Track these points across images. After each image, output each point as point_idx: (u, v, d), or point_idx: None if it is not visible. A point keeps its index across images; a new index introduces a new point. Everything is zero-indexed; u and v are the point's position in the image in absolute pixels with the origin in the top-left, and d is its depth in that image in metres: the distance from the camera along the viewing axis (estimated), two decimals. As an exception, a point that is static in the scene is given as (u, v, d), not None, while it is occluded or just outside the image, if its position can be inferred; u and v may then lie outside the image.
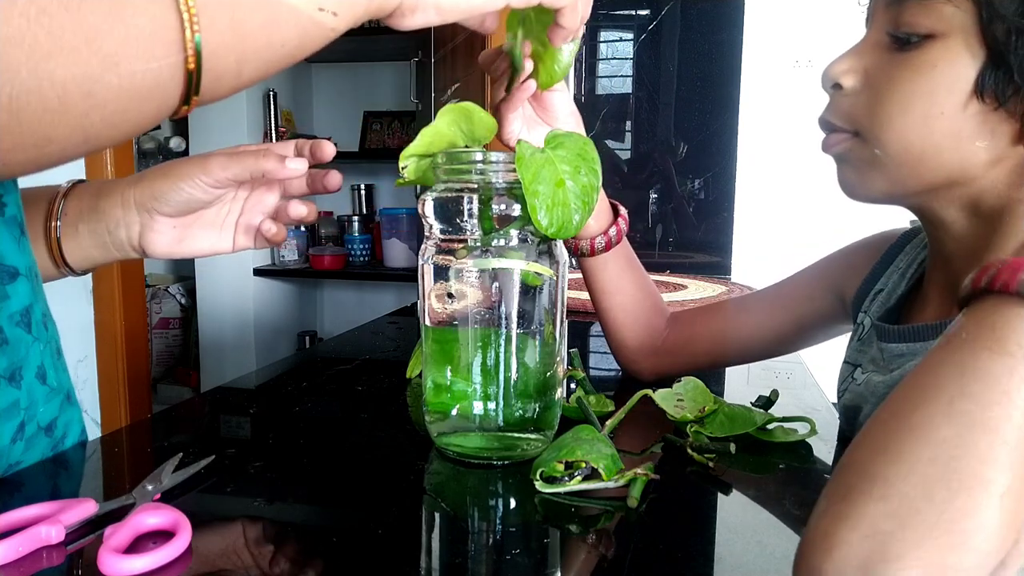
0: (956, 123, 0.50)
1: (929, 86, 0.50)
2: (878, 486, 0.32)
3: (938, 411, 0.32)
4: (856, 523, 0.31)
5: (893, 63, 0.52)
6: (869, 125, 0.53)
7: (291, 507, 0.49)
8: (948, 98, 0.49)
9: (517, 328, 0.53)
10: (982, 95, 0.48)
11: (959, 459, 0.31)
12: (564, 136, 0.52)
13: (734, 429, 0.58)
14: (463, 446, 0.54)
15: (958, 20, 0.48)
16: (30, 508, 0.44)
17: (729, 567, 0.42)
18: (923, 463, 0.31)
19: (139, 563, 0.39)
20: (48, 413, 0.59)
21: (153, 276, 2.90)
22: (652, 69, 2.15)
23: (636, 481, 0.49)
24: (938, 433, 0.31)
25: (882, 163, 0.53)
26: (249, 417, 0.69)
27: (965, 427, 0.31)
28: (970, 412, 0.31)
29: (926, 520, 0.30)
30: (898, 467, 0.32)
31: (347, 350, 0.97)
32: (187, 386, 2.75)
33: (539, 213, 0.49)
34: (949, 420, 0.31)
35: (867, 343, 0.63)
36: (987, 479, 0.30)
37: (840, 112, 0.55)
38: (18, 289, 0.57)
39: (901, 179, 0.53)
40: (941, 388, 0.32)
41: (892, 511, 0.31)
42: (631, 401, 0.63)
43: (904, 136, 0.51)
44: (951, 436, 0.31)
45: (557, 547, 0.44)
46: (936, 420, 0.32)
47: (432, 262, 0.53)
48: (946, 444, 0.31)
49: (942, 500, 0.30)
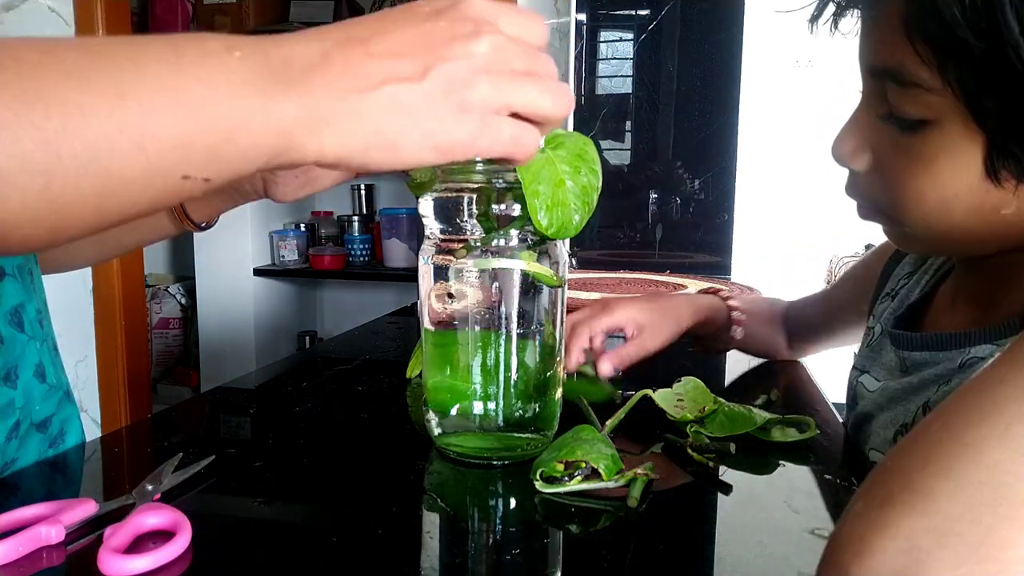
0: (975, 200, 0.46)
1: (936, 175, 0.47)
2: (921, 499, 0.31)
3: (994, 433, 0.31)
4: (894, 533, 0.30)
5: (897, 148, 0.49)
6: (889, 208, 0.51)
7: (291, 507, 0.49)
8: (960, 182, 0.46)
9: (517, 328, 0.53)
10: (996, 177, 0.45)
11: (1010, 486, 0.29)
12: (564, 136, 0.52)
13: (734, 429, 0.58)
14: (463, 446, 0.54)
15: (948, 107, 0.45)
16: (30, 508, 0.44)
17: (729, 567, 0.42)
18: (972, 484, 0.30)
19: (139, 563, 0.39)
20: (44, 410, 0.59)
21: (153, 276, 2.89)
22: (652, 69, 2.15)
23: (636, 481, 0.49)
24: (992, 456, 0.30)
25: (915, 236, 0.52)
26: (249, 417, 0.69)
27: (1021, 452, 0.30)
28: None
29: (967, 543, 0.29)
30: (945, 484, 0.30)
31: (347, 350, 0.97)
32: (187, 386, 2.75)
33: (539, 213, 0.48)
34: (1004, 444, 0.30)
35: (877, 350, 0.62)
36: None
37: (860, 192, 0.54)
38: (6, 288, 0.57)
39: (937, 247, 0.55)
40: (1000, 407, 0.31)
41: (933, 527, 0.30)
42: (631, 401, 0.63)
43: (925, 219, 0.49)
44: (1004, 461, 0.30)
45: (557, 547, 0.44)
46: (992, 442, 0.30)
47: (432, 262, 0.53)
48: (998, 468, 0.30)
49: (987, 525, 0.29)
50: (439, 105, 0.35)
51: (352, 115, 0.34)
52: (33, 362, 0.58)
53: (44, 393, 0.59)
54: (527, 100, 0.37)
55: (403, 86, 0.34)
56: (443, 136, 0.35)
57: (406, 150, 0.35)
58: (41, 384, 0.59)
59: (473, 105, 0.35)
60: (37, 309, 0.61)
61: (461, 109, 0.35)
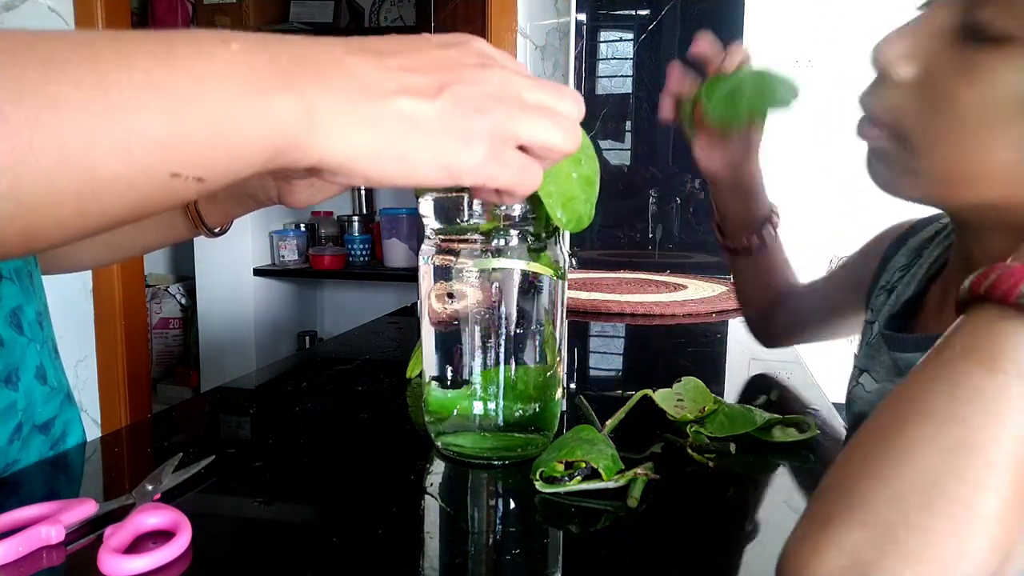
0: (1020, 150, 0.41)
1: (998, 101, 0.41)
2: (860, 512, 0.30)
3: (925, 434, 0.30)
4: (836, 552, 0.30)
5: (960, 62, 0.42)
6: (916, 130, 0.45)
7: (291, 507, 0.49)
8: (1018, 119, 0.40)
9: (517, 328, 0.53)
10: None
11: (942, 485, 0.29)
12: None
13: (734, 429, 0.58)
14: (463, 446, 0.54)
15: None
16: (30, 508, 0.44)
17: (729, 567, 0.42)
18: (907, 489, 0.29)
19: (139, 563, 0.39)
20: (46, 412, 0.59)
21: (153, 276, 2.90)
22: (652, 69, 2.15)
23: (636, 481, 0.49)
24: (923, 457, 0.30)
25: (921, 176, 0.46)
26: (249, 417, 0.69)
27: (950, 451, 0.29)
28: (958, 436, 0.29)
29: (907, 548, 0.29)
30: (881, 492, 0.30)
31: (347, 350, 0.97)
32: (187, 386, 2.75)
33: (557, 211, 0.48)
34: (934, 443, 0.30)
35: (876, 349, 0.62)
36: (971, 504, 0.29)
37: (885, 104, 0.46)
38: (4, 291, 0.57)
39: (938, 195, 0.47)
40: (930, 408, 0.31)
41: (874, 539, 0.29)
42: (631, 401, 0.63)
43: (953, 156, 0.43)
44: (936, 462, 0.29)
45: (557, 547, 0.44)
46: (922, 443, 0.30)
47: (432, 262, 0.53)
48: (931, 469, 0.29)
49: (924, 528, 0.29)
50: (451, 125, 0.34)
51: (365, 121, 0.33)
52: (34, 364, 0.58)
53: (46, 395, 0.59)
54: (537, 132, 0.36)
55: (417, 100, 0.33)
56: (453, 158, 0.34)
57: (418, 166, 0.34)
58: (42, 386, 0.59)
59: (484, 131, 0.35)
60: (37, 311, 0.61)
61: (472, 133, 0.35)
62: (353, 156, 0.33)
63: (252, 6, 2.48)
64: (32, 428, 0.57)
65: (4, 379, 0.55)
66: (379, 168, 0.34)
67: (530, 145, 0.37)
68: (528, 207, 0.51)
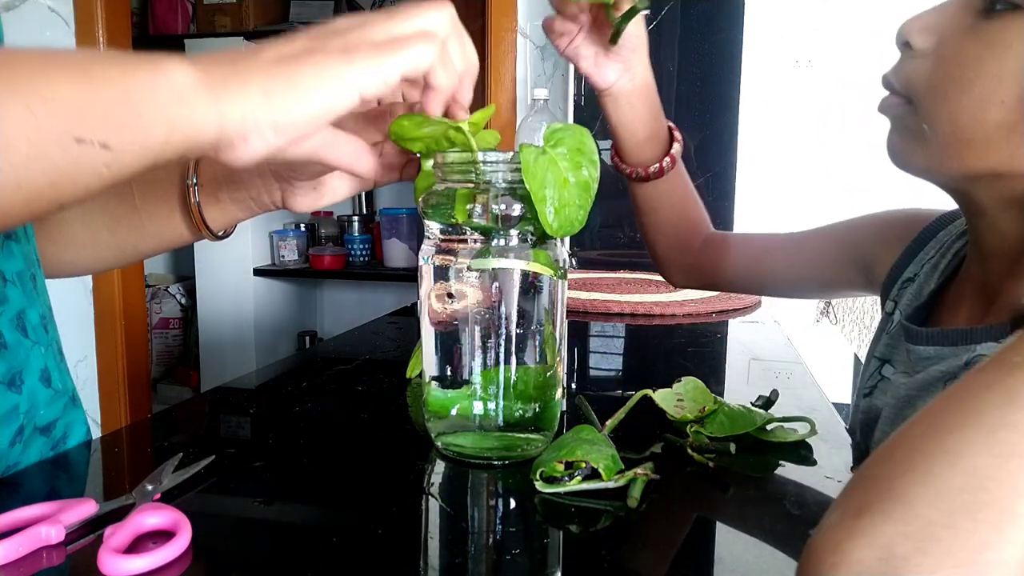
0: (1013, 115, 0.45)
1: (996, 67, 0.45)
2: (900, 507, 0.30)
3: (977, 438, 0.30)
4: (871, 541, 0.30)
5: (969, 33, 0.47)
6: (925, 94, 0.49)
7: (291, 507, 0.49)
8: (1012, 86, 0.45)
9: (517, 328, 0.53)
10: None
11: (990, 491, 0.29)
12: (562, 131, 0.52)
13: (734, 429, 0.58)
14: (463, 446, 0.54)
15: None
16: (30, 508, 0.44)
17: (729, 567, 0.42)
18: (953, 491, 0.29)
19: (139, 563, 0.39)
20: (48, 415, 0.59)
21: (153, 276, 2.89)
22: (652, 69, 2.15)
23: (636, 481, 0.49)
24: (973, 461, 0.30)
25: (927, 139, 0.49)
26: (249, 417, 0.69)
27: (1003, 457, 0.29)
28: (1012, 443, 0.29)
29: (945, 548, 0.29)
30: (925, 490, 0.30)
31: (347, 350, 0.97)
32: (187, 386, 2.75)
33: (549, 216, 0.49)
34: (988, 449, 0.30)
35: (896, 339, 0.61)
36: (1016, 513, 0.29)
37: (902, 74, 0.51)
38: (8, 294, 0.57)
39: (943, 159, 0.49)
40: (984, 413, 0.31)
41: (911, 534, 0.29)
42: (631, 401, 0.63)
43: (956, 117, 0.47)
44: (986, 466, 0.29)
45: (557, 547, 0.44)
46: (974, 447, 0.30)
47: (432, 262, 0.53)
48: (979, 474, 0.29)
49: (966, 530, 0.29)
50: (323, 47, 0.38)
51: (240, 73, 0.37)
52: (38, 367, 0.58)
53: (49, 398, 0.59)
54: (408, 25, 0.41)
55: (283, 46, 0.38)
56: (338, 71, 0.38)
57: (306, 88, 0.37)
58: (47, 389, 0.59)
59: (358, 43, 0.39)
60: (41, 314, 0.61)
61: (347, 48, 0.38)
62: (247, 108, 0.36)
63: (252, 6, 2.48)
64: (33, 430, 0.57)
65: (8, 382, 0.55)
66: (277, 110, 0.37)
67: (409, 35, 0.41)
68: (527, 207, 0.51)
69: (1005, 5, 0.45)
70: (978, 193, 0.50)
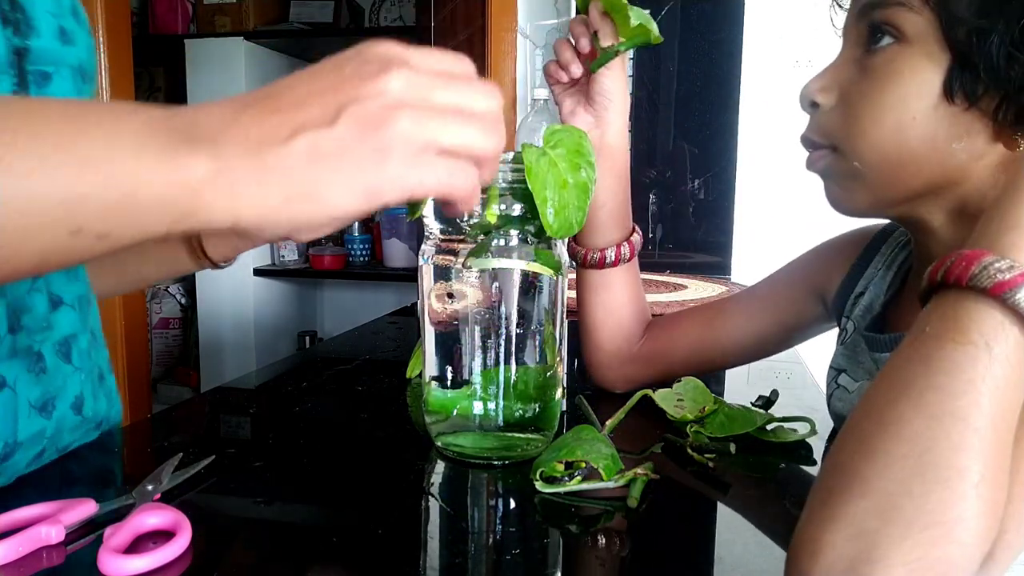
0: (930, 127, 0.49)
1: (898, 93, 0.49)
2: (857, 484, 0.32)
3: (908, 406, 0.33)
4: (840, 524, 0.32)
5: (863, 75, 0.51)
6: (845, 138, 0.52)
7: (291, 507, 0.49)
8: (918, 103, 0.48)
9: (517, 328, 0.53)
10: (952, 97, 0.47)
11: (932, 451, 0.31)
12: (561, 132, 0.52)
13: (734, 429, 0.58)
14: (463, 446, 0.54)
15: (920, 27, 0.48)
16: (30, 508, 0.44)
17: (729, 567, 0.42)
18: (898, 458, 0.32)
19: (139, 563, 0.39)
20: (70, 438, 0.59)
21: (153, 276, 2.89)
22: (652, 69, 2.15)
23: (636, 481, 0.49)
24: (910, 427, 0.32)
25: (863, 175, 0.52)
26: (249, 417, 0.69)
27: (935, 419, 0.32)
28: (939, 403, 0.32)
29: (906, 515, 0.31)
30: (875, 464, 0.32)
31: (347, 350, 0.97)
32: (187, 386, 2.74)
33: (548, 217, 0.49)
34: (919, 413, 0.32)
35: (853, 349, 0.62)
36: (961, 468, 0.31)
37: (818, 129, 0.54)
38: (61, 318, 0.57)
39: (883, 189, 0.52)
40: (910, 383, 0.33)
41: (874, 508, 0.31)
42: (631, 401, 0.63)
43: (880, 146, 0.50)
44: (922, 429, 0.32)
45: (557, 547, 0.44)
46: (907, 415, 0.33)
47: (432, 262, 0.53)
48: (919, 438, 0.32)
49: (920, 494, 0.31)
50: (357, 148, 0.33)
51: (265, 170, 0.32)
52: (73, 394, 0.58)
53: (75, 424, 0.59)
54: (450, 135, 0.34)
55: (316, 133, 0.32)
56: (368, 179, 0.33)
57: (335, 199, 0.33)
58: (75, 416, 0.58)
59: (394, 144, 0.33)
60: (88, 340, 0.60)
61: (382, 150, 0.33)
62: (264, 211, 0.33)
63: (252, 6, 2.48)
64: (54, 452, 0.57)
65: (40, 407, 0.55)
66: (293, 212, 0.33)
67: (450, 149, 0.35)
68: (526, 208, 0.51)
69: (883, 39, 0.50)
70: (926, 212, 0.53)
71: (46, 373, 0.55)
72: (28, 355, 0.54)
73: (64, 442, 0.58)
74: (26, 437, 0.53)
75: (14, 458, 0.53)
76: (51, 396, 0.56)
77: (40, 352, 0.55)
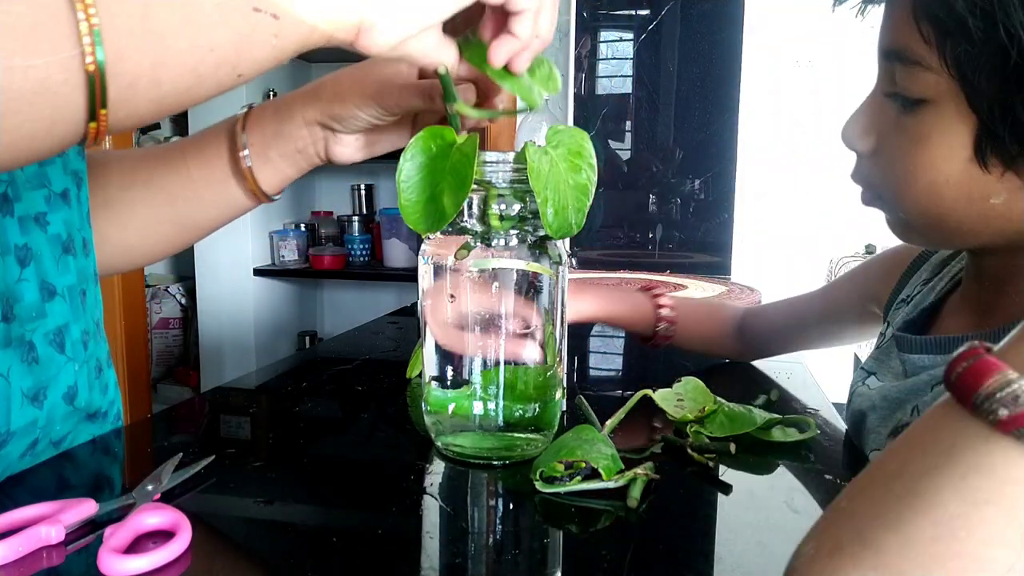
0: (963, 188, 0.48)
1: (928, 156, 0.49)
2: (871, 553, 0.29)
3: (949, 484, 0.28)
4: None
5: (897, 129, 0.51)
6: (886, 191, 0.53)
7: (291, 507, 0.49)
8: (949, 165, 0.48)
9: (517, 328, 0.53)
10: (984, 162, 0.46)
11: (963, 540, 0.27)
12: (563, 132, 0.52)
13: (734, 429, 0.58)
14: (463, 446, 0.54)
15: (944, 87, 0.47)
16: (30, 508, 0.44)
17: (729, 567, 0.42)
18: (924, 541, 0.28)
19: (139, 563, 0.39)
20: (63, 429, 0.59)
21: (153, 276, 2.89)
22: (652, 69, 2.15)
23: (636, 481, 0.49)
24: (945, 510, 0.28)
25: (911, 224, 0.53)
26: (249, 417, 0.69)
27: (975, 505, 0.27)
28: (984, 489, 0.27)
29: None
30: (895, 538, 0.29)
31: (347, 350, 0.97)
32: (187, 386, 2.75)
33: (548, 217, 0.49)
34: (959, 496, 0.28)
35: (886, 353, 0.62)
36: (987, 559, 0.27)
37: (862, 176, 0.56)
38: (55, 308, 0.57)
39: (932, 234, 0.54)
40: (956, 458, 0.28)
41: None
42: (631, 401, 0.63)
43: (917, 203, 0.51)
44: (958, 515, 0.28)
45: (557, 547, 0.44)
46: (945, 494, 0.28)
47: (432, 262, 0.53)
48: (951, 524, 0.28)
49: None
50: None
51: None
52: (66, 383, 0.58)
53: (66, 414, 0.59)
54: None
55: None
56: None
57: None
58: (66, 406, 0.58)
59: None
60: (84, 330, 0.60)
61: None
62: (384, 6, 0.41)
63: None
64: (48, 445, 0.57)
65: (32, 397, 0.55)
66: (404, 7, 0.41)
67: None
68: (526, 207, 0.51)
69: (913, 102, 0.49)
70: (978, 244, 0.53)
71: (38, 363, 0.55)
72: (21, 344, 0.54)
73: (57, 433, 0.58)
74: (19, 427, 0.54)
75: (7, 448, 0.53)
76: (43, 386, 0.56)
77: (32, 341, 0.55)
